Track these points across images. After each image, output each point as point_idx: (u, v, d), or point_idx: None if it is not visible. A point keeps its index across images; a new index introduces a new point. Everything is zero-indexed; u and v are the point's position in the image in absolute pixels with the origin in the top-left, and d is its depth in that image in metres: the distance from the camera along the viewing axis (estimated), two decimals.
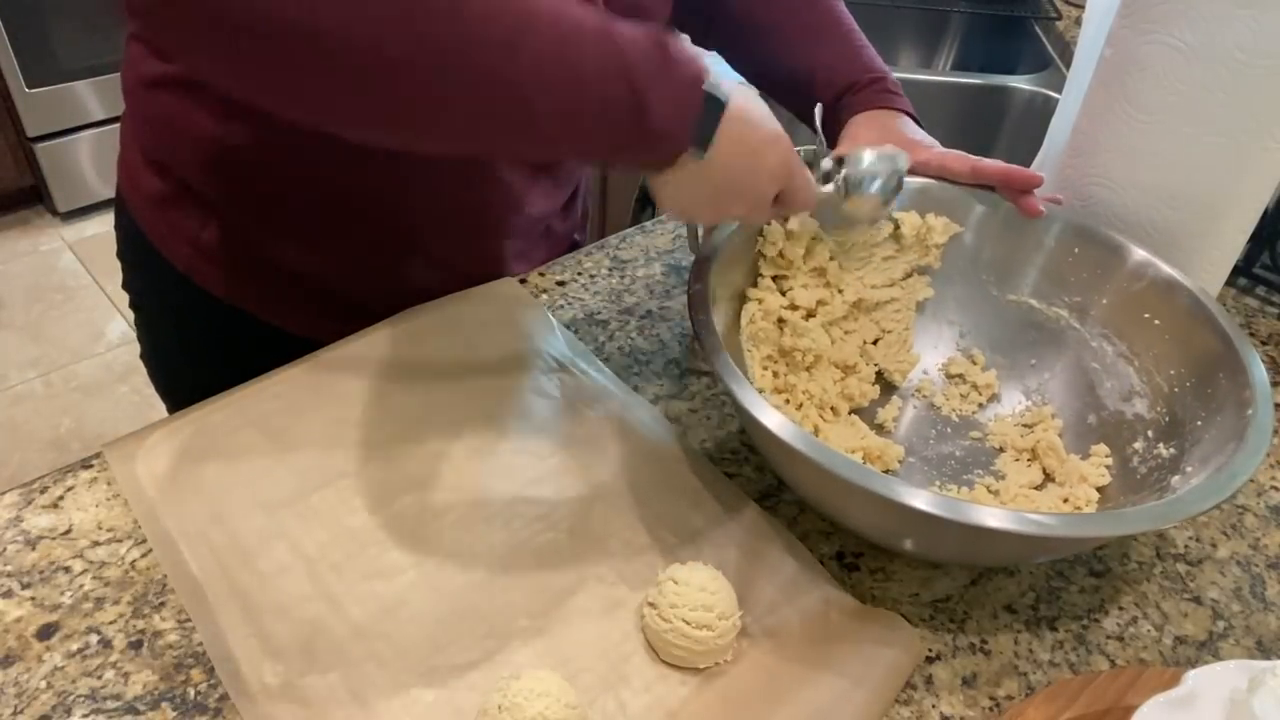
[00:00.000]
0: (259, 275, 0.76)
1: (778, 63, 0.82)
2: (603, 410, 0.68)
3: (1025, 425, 0.72)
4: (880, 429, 0.71)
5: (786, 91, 0.83)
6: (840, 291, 0.72)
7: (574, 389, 0.70)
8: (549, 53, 0.48)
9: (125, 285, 0.84)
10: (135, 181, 0.77)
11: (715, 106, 0.54)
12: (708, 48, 0.87)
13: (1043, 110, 1.29)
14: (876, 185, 0.68)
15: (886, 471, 0.67)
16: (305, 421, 0.64)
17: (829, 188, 0.68)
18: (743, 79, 0.84)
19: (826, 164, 0.69)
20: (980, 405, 0.74)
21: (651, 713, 0.51)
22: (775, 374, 0.68)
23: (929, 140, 0.76)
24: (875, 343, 0.75)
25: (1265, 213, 0.80)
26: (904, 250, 0.74)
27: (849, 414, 0.71)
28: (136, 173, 0.77)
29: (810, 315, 0.71)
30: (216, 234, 0.74)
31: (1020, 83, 1.35)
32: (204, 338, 0.81)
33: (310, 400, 0.66)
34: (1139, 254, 0.69)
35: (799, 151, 0.68)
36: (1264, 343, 0.86)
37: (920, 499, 0.49)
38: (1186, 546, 0.65)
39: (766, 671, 0.53)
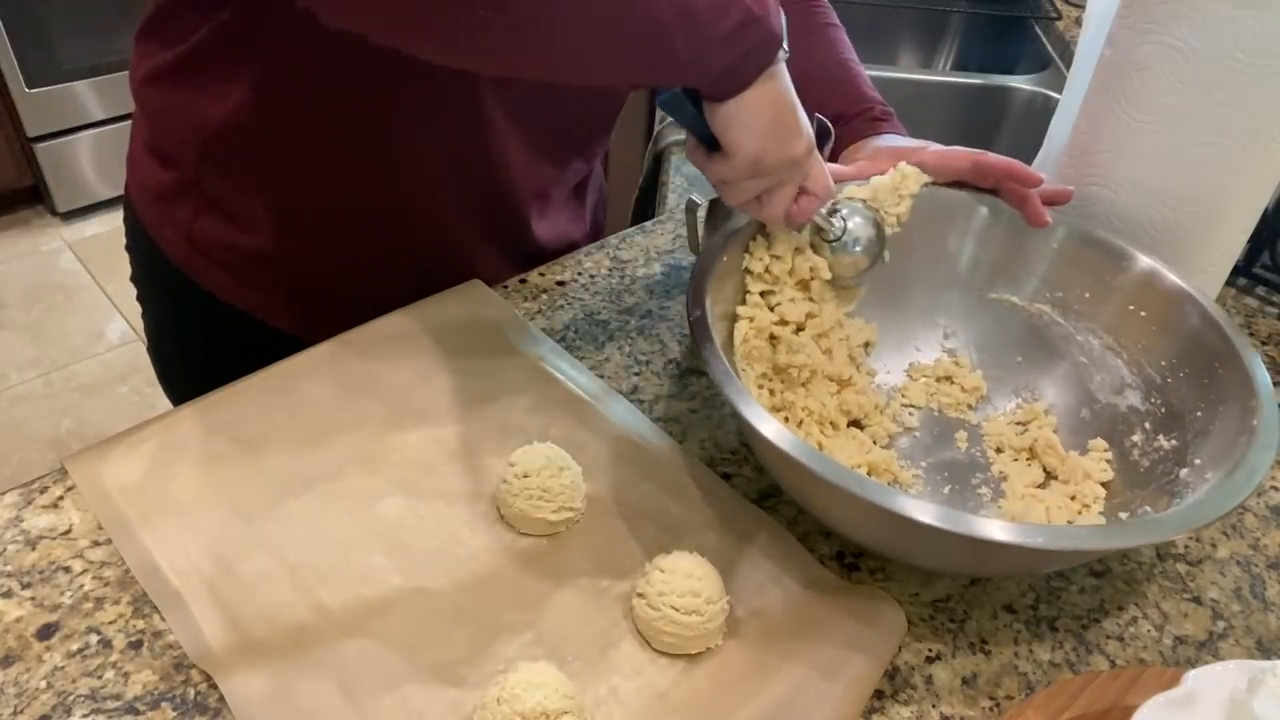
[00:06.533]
0: (249, 273, 0.76)
1: None
2: (577, 405, 0.68)
3: (1019, 424, 0.72)
4: (878, 440, 0.70)
5: None
6: (826, 303, 0.71)
7: (547, 385, 0.70)
8: None
9: (132, 278, 0.84)
10: (137, 173, 0.78)
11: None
12: None
13: (1043, 110, 1.29)
14: (860, 247, 0.69)
15: (894, 482, 0.67)
16: (277, 428, 0.64)
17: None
18: None
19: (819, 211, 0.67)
20: (971, 407, 0.74)
21: (642, 696, 0.51)
22: (772, 392, 0.68)
23: (922, 143, 0.75)
24: (865, 346, 0.75)
25: (1265, 213, 0.80)
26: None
27: (847, 427, 0.70)
28: (138, 165, 0.77)
29: (800, 329, 0.70)
30: (209, 228, 0.74)
31: (1020, 83, 1.35)
32: (201, 333, 0.81)
33: (280, 407, 0.65)
34: (1118, 246, 0.69)
35: None
36: (1264, 343, 0.86)
37: (971, 523, 0.48)
38: (1186, 546, 0.65)
39: (754, 650, 0.54)
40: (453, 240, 0.78)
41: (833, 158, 0.78)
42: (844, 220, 0.69)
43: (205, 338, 0.81)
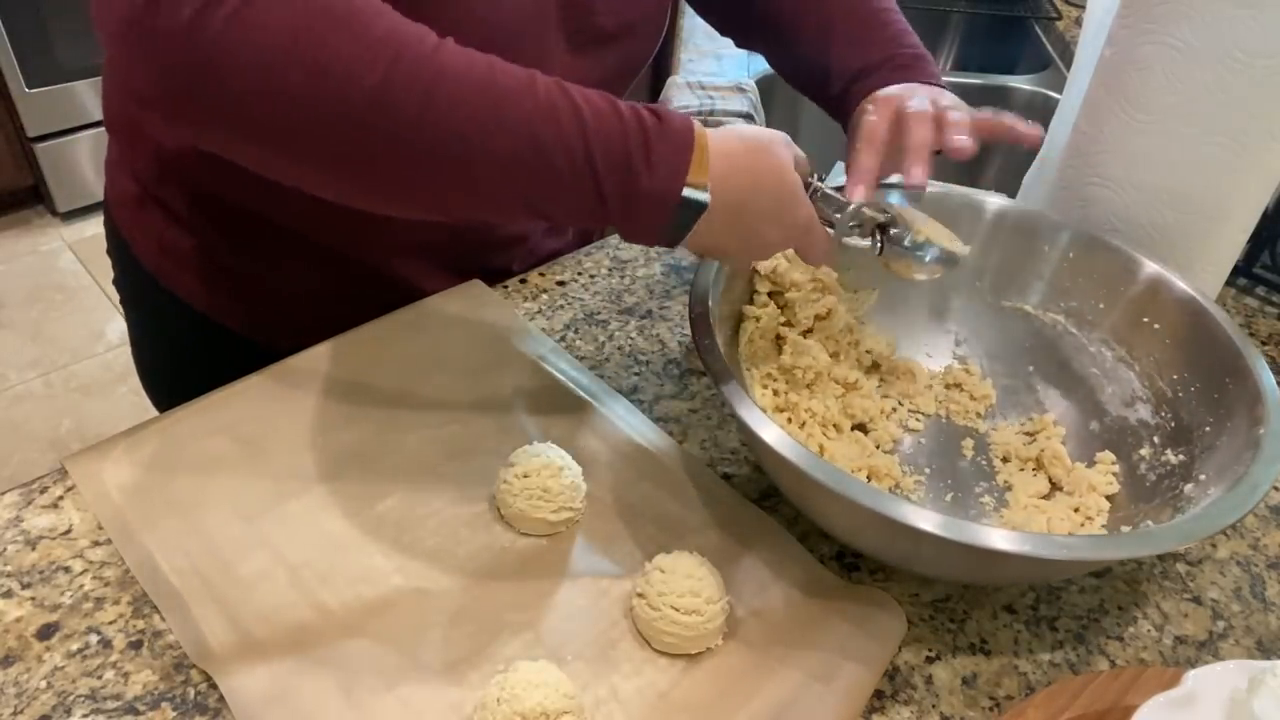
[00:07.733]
0: (218, 283, 0.75)
1: (800, 60, 0.78)
2: (576, 405, 0.68)
3: (1027, 434, 0.71)
4: (882, 444, 0.70)
5: (813, 92, 0.78)
6: (844, 304, 0.71)
7: (547, 385, 0.70)
8: (514, 145, 0.48)
9: (114, 282, 0.84)
10: (113, 179, 0.78)
11: (690, 212, 0.51)
12: (751, 49, 0.84)
13: (1043, 110, 1.29)
14: (934, 254, 0.65)
15: (896, 488, 0.66)
16: (276, 428, 0.64)
17: (864, 243, 0.64)
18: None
19: (867, 212, 0.64)
20: (980, 415, 0.73)
21: (643, 695, 0.51)
22: (775, 393, 0.68)
23: (923, 92, 0.68)
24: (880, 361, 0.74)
25: (1265, 213, 0.80)
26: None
27: (851, 430, 0.70)
28: (113, 171, 0.77)
29: (809, 332, 0.70)
30: (178, 238, 0.74)
31: (1020, 83, 1.35)
32: (178, 338, 0.81)
33: (279, 407, 0.65)
34: (1136, 258, 0.69)
35: (837, 189, 0.62)
36: (1264, 343, 0.86)
37: (966, 530, 0.48)
38: (1187, 547, 0.65)
39: (755, 649, 0.54)
40: (415, 270, 0.77)
41: (849, 110, 0.72)
42: (881, 235, 0.64)
43: (183, 343, 0.81)
